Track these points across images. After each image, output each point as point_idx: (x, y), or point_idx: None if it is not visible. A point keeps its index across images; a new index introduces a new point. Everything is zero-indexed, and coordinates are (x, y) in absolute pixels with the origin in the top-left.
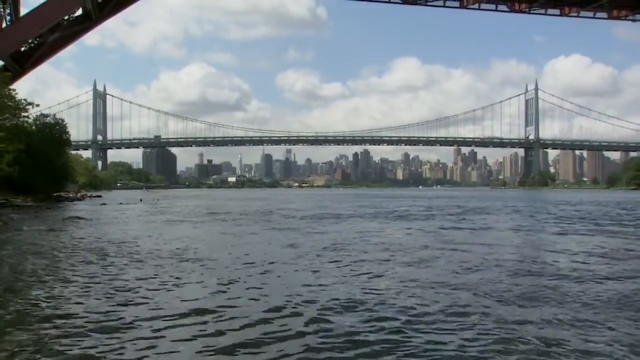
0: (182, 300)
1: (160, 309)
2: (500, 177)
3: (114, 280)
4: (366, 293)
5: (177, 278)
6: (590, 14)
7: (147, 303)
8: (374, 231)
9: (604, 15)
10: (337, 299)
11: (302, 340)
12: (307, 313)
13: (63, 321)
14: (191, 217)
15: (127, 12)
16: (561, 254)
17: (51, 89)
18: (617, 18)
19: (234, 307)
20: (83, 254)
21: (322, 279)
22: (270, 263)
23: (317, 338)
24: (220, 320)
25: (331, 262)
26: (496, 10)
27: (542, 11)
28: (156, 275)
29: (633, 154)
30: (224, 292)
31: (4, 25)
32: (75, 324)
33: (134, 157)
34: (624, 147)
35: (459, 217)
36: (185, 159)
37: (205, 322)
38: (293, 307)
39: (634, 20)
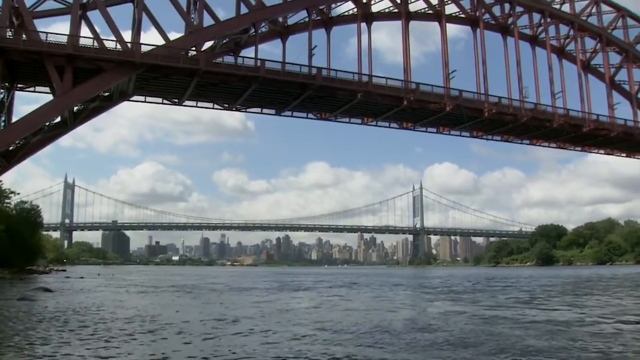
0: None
1: None
2: (395, 257)
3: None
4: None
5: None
6: (458, 132)
7: None
8: (265, 299)
9: (467, 134)
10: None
11: None
12: None
13: None
14: (138, 288)
15: (95, 120)
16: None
17: (30, 181)
18: (476, 137)
19: None
20: (45, 320)
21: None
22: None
23: None
24: None
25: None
26: (389, 127)
27: (424, 129)
28: (100, 337)
29: (492, 239)
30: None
31: None
32: None
33: (94, 237)
34: (485, 234)
35: (341, 288)
36: (137, 240)
37: None
38: None
39: (487, 139)
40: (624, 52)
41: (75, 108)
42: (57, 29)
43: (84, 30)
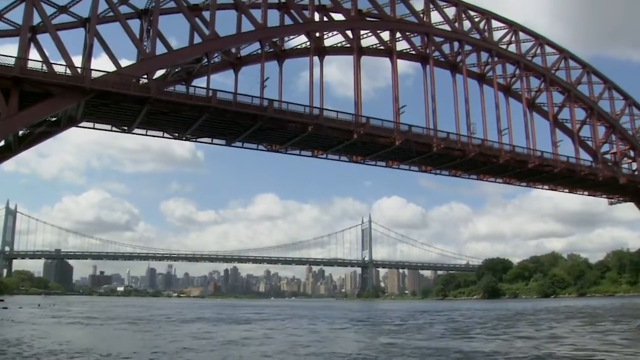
0: None
1: None
2: (343, 290)
3: None
4: None
5: None
6: (407, 167)
7: None
8: (207, 332)
9: (416, 168)
10: None
11: None
12: None
13: None
14: (79, 320)
15: (41, 145)
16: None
17: None
18: (425, 171)
19: None
20: None
21: None
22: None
23: None
24: None
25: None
26: (339, 159)
27: (373, 163)
28: None
29: (440, 272)
30: None
31: None
32: None
33: (35, 266)
34: (433, 267)
35: (283, 321)
36: (81, 270)
37: None
38: None
39: (435, 174)
40: (566, 92)
41: (21, 132)
42: (4, 51)
43: (34, 54)
